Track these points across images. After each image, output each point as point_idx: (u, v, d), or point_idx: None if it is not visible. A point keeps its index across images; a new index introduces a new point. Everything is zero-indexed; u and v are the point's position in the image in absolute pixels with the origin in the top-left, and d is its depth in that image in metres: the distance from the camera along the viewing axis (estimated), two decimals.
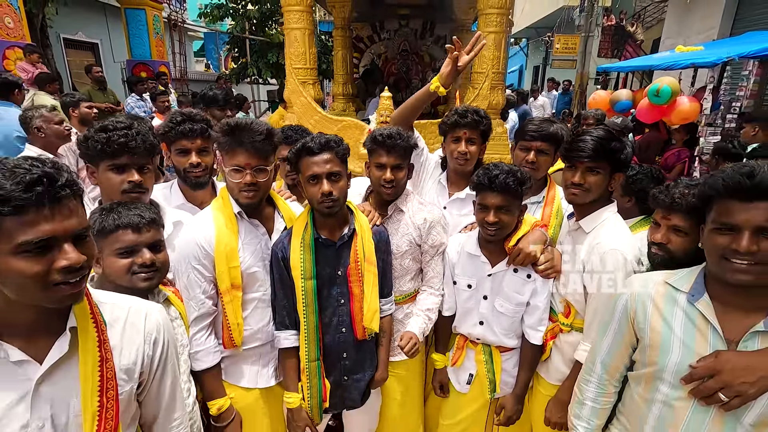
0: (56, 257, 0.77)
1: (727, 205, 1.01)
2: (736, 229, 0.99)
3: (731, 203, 1.00)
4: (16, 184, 0.72)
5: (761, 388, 0.97)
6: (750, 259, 0.97)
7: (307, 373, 1.57)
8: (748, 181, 0.96)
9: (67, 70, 10.92)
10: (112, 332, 0.92)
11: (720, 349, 1.05)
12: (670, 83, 4.89)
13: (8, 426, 0.82)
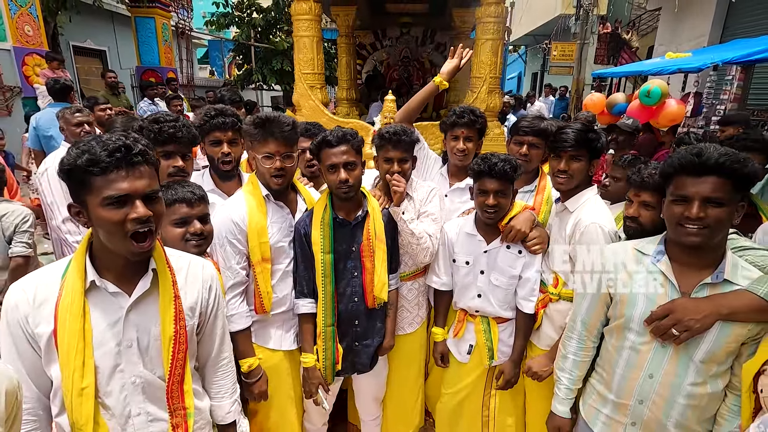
0: (130, 211, 0.99)
1: (682, 180, 1.23)
2: (688, 199, 1.21)
3: (684, 178, 1.22)
4: (103, 150, 0.96)
5: (704, 324, 1.19)
6: (699, 224, 1.19)
7: (322, 337, 1.79)
8: (697, 159, 1.19)
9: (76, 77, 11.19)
10: (178, 277, 1.15)
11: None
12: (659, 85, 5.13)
13: (108, 342, 1.05)
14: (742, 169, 1.14)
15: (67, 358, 1.01)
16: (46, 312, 1.03)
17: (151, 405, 1.13)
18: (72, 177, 0.97)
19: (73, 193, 0.99)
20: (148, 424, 1.13)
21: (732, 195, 1.17)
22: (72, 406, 1.02)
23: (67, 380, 1.01)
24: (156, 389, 1.13)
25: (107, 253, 1.05)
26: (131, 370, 1.09)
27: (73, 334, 1.01)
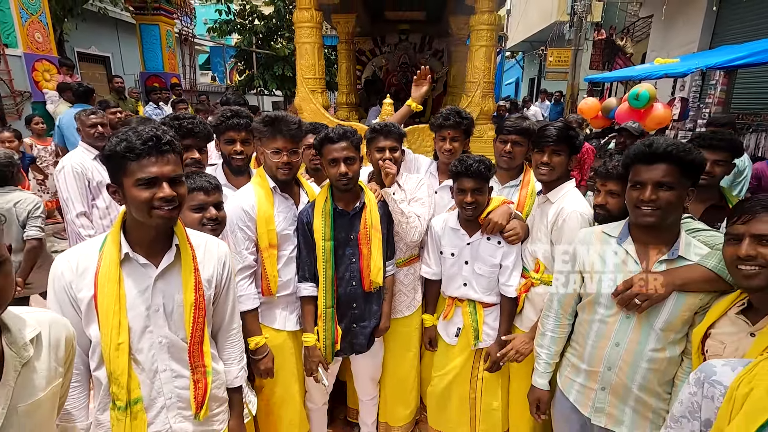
0: (157, 191, 1.16)
1: (637, 168, 1.40)
2: (643, 184, 1.37)
3: (639, 166, 1.39)
4: (138, 139, 1.13)
5: (661, 293, 1.36)
6: (652, 206, 1.36)
7: (323, 318, 1.95)
8: (648, 149, 1.36)
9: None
10: (197, 252, 1.31)
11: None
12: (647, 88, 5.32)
13: (139, 306, 1.22)
14: (687, 157, 1.31)
15: (105, 318, 1.17)
16: (87, 279, 1.20)
17: (175, 363, 1.29)
18: (111, 161, 1.15)
19: (112, 175, 1.17)
20: (172, 380, 1.30)
21: (680, 180, 1.33)
22: (110, 359, 1.18)
23: (105, 337, 1.18)
24: (179, 350, 1.29)
25: (139, 229, 1.22)
26: (158, 331, 1.26)
27: (110, 298, 1.17)
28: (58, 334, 1.02)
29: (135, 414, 1.23)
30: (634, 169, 1.40)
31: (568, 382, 1.66)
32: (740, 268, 1.16)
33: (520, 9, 15.42)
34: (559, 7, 11.61)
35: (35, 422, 0.95)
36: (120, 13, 12.42)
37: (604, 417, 1.52)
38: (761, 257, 1.12)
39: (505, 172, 2.23)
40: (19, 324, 0.93)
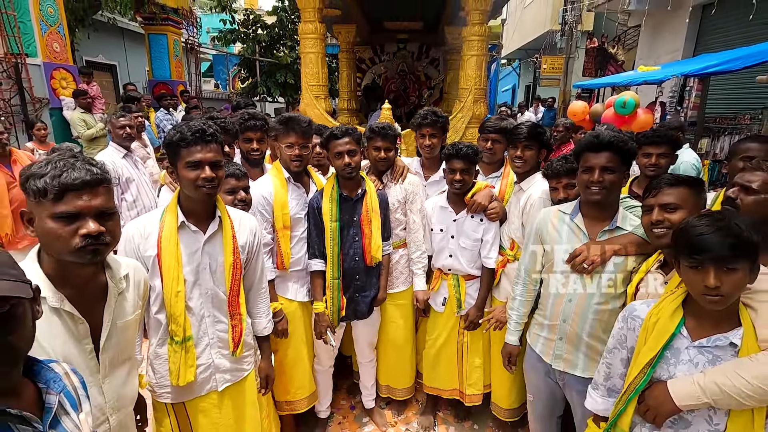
0: (201, 173, 1.50)
1: (586, 155, 1.72)
2: (591, 169, 1.70)
3: (588, 154, 1.72)
4: (188, 131, 1.47)
5: (604, 258, 1.68)
6: (598, 186, 1.69)
7: (330, 288, 2.28)
8: (596, 140, 1.70)
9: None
10: (234, 223, 1.66)
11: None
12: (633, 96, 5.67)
13: (191, 264, 1.56)
14: (625, 146, 1.65)
15: (167, 271, 1.51)
16: (152, 242, 1.54)
17: (216, 311, 1.63)
18: (169, 148, 1.50)
19: (170, 159, 1.52)
20: (214, 324, 1.64)
21: (620, 165, 1.66)
22: (170, 303, 1.52)
23: (167, 286, 1.52)
24: (220, 301, 1.63)
25: (189, 203, 1.57)
26: (205, 285, 1.60)
27: (171, 256, 1.52)
28: (138, 277, 1.36)
29: (188, 348, 1.57)
30: (584, 157, 1.73)
31: (535, 337, 1.98)
32: (653, 231, 1.50)
33: (516, 18, 15.87)
34: (552, 17, 12.03)
35: (126, 337, 1.30)
36: (127, 23, 12.86)
37: (562, 362, 1.84)
38: (667, 221, 1.46)
39: (487, 165, 2.57)
40: (116, 264, 1.27)
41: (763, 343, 1.15)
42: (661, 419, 1.28)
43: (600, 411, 1.49)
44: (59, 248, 1.07)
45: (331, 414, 2.78)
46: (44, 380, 0.90)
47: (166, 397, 1.65)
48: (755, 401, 1.13)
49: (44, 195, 1.04)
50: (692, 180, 1.51)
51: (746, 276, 1.14)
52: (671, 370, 1.27)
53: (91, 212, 1.08)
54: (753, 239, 1.12)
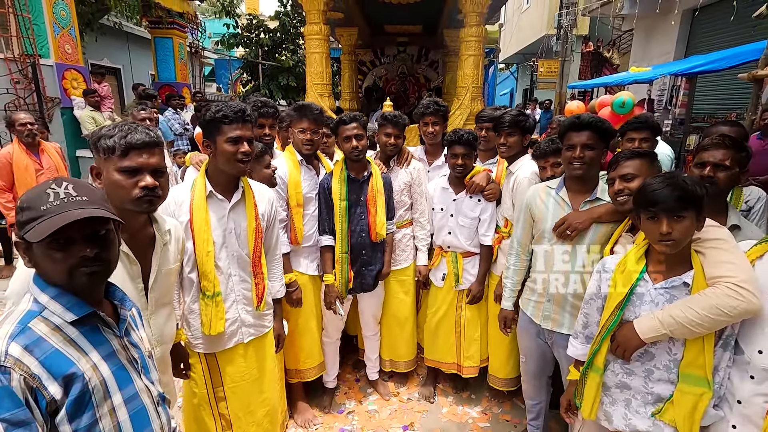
0: (240, 147, 1.71)
1: (569, 135, 1.93)
2: (573, 147, 1.91)
3: (571, 133, 1.92)
4: (230, 110, 1.69)
5: (584, 225, 1.88)
6: (579, 161, 1.89)
7: (339, 262, 2.49)
8: (577, 120, 1.91)
9: None
10: (255, 194, 1.87)
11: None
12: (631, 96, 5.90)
13: (219, 228, 1.77)
14: (603, 126, 1.86)
15: (199, 234, 1.72)
16: (184, 209, 1.75)
17: (242, 271, 1.85)
18: (211, 124, 1.70)
19: (207, 134, 1.73)
20: (240, 282, 1.85)
21: (599, 143, 1.87)
22: (202, 262, 1.73)
23: (199, 247, 1.73)
24: (245, 262, 1.84)
25: (218, 174, 1.78)
26: (231, 247, 1.81)
27: (201, 221, 1.73)
28: (178, 233, 1.57)
29: (217, 302, 1.78)
30: (567, 136, 1.94)
31: (526, 301, 2.18)
32: (618, 199, 1.71)
33: (513, 23, 16.17)
34: (548, 21, 12.33)
35: (168, 282, 1.51)
36: (132, 27, 13.12)
37: (551, 322, 2.04)
38: (627, 189, 1.67)
39: (483, 152, 2.79)
40: (161, 220, 1.49)
41: (710, 280, 1.36)
42: (629, 353, 1.49)
43: (579, 356, 1.70)
44: (122, 196, 1.28)
45: (338, 385, 2.98)
46: (118, 298, 1.11)
47: (199, 348, 1.86)
48: (704, 329, 1.34)
49: (112, 152, 1.26)
50: (645, 152, 1.73)
51: (693, 224, 1.36)
52: (636, 311, 1.48)
53: (149, 168, 1.30)
54: (697, 192, 1.34)
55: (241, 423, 1.93)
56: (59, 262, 0.94)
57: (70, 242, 0.94)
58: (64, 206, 0.93)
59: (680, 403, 1.42)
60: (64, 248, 0.94)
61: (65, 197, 0.94)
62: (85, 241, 0.96)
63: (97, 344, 1.00)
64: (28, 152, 4.15)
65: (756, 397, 1.34)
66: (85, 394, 0.93)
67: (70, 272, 0.95)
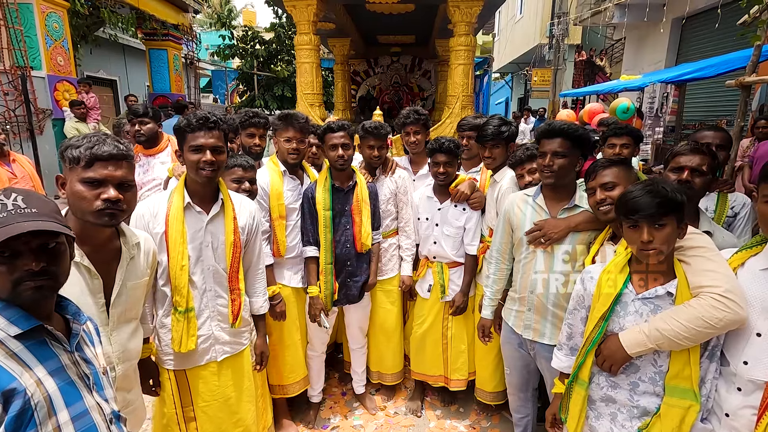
0: (202, 156, 1.66)
1: (542, 142, 1.87)
2: (544, 154, 1.88)
3: (543, 141, 1.89)
4: (194, 118, 1.65)
5: (560, 234, 1.84)
6: (549, 170, 1.85)
7: (324, 273, 2.44)
8: (548, 127, 1.88)
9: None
10: (235, 206, 1.82)
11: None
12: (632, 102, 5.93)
13: (195, 241, 1.72)
14: (575, 133, 1.83)
15: (174, 246, 1.67)
16: (160, 220, 1.70)
17: (217, 286, 1.79)
18: (177, 134, 1.68)
19: (178, 144, 1.70)
20: (215, 298, 1.79)
21: (571, 150, 1.82)
22: (175, 276, 1.68)
23: (173, 260, 1.68)
24: (221, 277, 1.79)
25: (194, 185, 1.74)
26: (207, 261, 1.76)
27: (177, 233, 1.68)
28: (148, 246, 1.53)
29: (190, 318, 1.72)
30: (540, 143, 1.91)
31: (508, 311, 2.13)
32: (600, 209, 1.67)
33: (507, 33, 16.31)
34: (541, 31, 12.43)
35: (134, 297, 1.46)
36: (128, 39, 13.18)
37: (532, 331, 1.99)
38: (609, 198, 1.64)
39: (466, 161, 2.76)
40: (129, 233, 1.44)
41: (695, 290, 1.32)
42: (616, 367, 1.44)
43: (564, 368, 1.65)
44: (83, 208, 1.24)
45: (323, 399, 2.91)
46: (70, 313, 1.06)
47: (168, 364, 1.79)
48: (690, 341, 1.30)
49: (77, 162, 1.22)
50: (621, 160, 1.71)
51: (675, 231, 1.32)
52: (621, 322, 1.44)
53: (114, 181, 1.26)
54: (677, 198, 1.31)
55: None
56: (3, 275, 0.91)
57: (16, 255, 0.91)
58: (11, 218, 0.89)
59: (667, 416, 1.36)
60: (9, 261, 0.90)
61: (13, 209, 0.91)
62: (32, 254, 0.92)
63: (44, 359, 0.96)
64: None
65: (744, 410, 1.29)
66: (26, 410, 0.89)
67: (15, 286, 0.91)
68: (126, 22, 9.65)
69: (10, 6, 6.26)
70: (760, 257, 1.31)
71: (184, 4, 10.77)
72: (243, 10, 24.51)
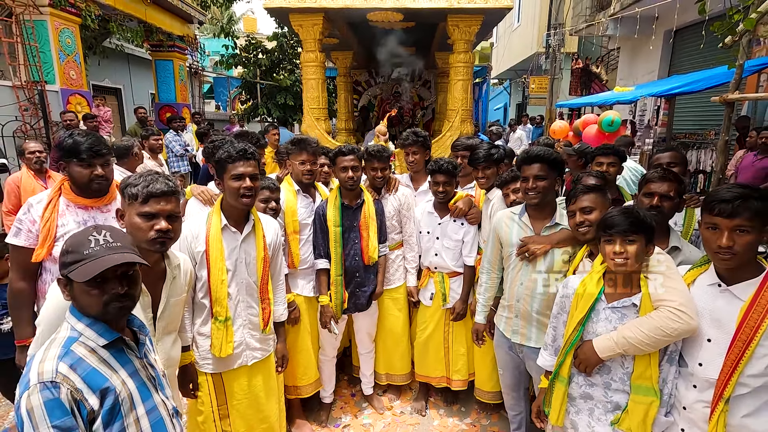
0: (243, 183, 1.90)
1: (523, 168, 2.12)
2: (527, 179, 2.10)
3: (524, 167, 2.11)
4: (234, 150, 1.89)
5: (543, 250, 2.06)
6: (533, 191, 2.08)
7: (334, 284, 2.67)
8: (527, 154, 2.12)
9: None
10: (263, 225, 2.06)
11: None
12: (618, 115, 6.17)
13: (231, 257, 1.96)
14: (551, 157, 2.06)
15: (215, 263, 1.91)
16: (200, 240, 1.94)
17: (249, 298, 2.04)
18: (217, 164, 1.92)
19: (218, 173, 1.94)
20: (247, 308, 2.04)
21: (550, 173, 2.05)
22: (216, 289, 1.92)
23: (214, 276, 1.91)
24: (252, 289, 2.04)
25: (230, 208, 1.98)
26: (241, 275, 2.00)
27: (217, 252, 1.92)
28: (186, 267, 1.77)
29: (227, 327, 1.97)
30: (522, 169, 2.14)
31: (498, 317, 2.35)
32: (579, 230, 1.91)
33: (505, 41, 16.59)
34: (538, 40, 12.69)
35: (175, 311, 1.71)
36: (133, 49, 13.44)
37: (519, 336, 2.22)
38: (587, 221, 1.87)
39: (461, 178, 3.00)
40: (173, 256, 1.68)
41: (656, 302, 1.56)
42: (590, 369, 1.68)
43: (548, 366, 1.88)
44: (140, 237, 1.48)
45: (335, 400, 3.14)
46: (136, 326, 1.30)
47: (207, 368, 2.04)
48: (650, 347, 1.54)
49: (135, 198, 1.47)
50: (598, 186, 1.92)
51: (643, 248, 1.58)
52: (594, 327, 1.67)
53: (165, 214, 1.51)
54: (647, 220, 1.58)
55: None
56: (96, 297, 1.14)
57: (106, 281, 1.14)
58: (103, 251, 1.13)
59: (634, 411, 1.60)
60: (101, 286, 1.13)
61: (104, 243, 1.14)
62: (118, 280, 1.16)
63: (124, 364, 1.19)
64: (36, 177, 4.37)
65: (698, 404, 1.53)
66: (116, 405, 1.12)
67: (105, 305, 1.15)
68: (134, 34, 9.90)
69: (26, 23, 6.51)
70: (706, 275, 1.55)
71: (189, 16, 11.02)
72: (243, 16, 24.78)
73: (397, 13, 4.70)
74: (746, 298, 1.41)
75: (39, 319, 1.41)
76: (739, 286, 1.45)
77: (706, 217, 1.46)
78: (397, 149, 4.38)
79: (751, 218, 1.37)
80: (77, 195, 1.99)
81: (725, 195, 1.40)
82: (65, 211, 1.97)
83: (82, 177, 1.94)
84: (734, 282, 1.46)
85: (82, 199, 1.99)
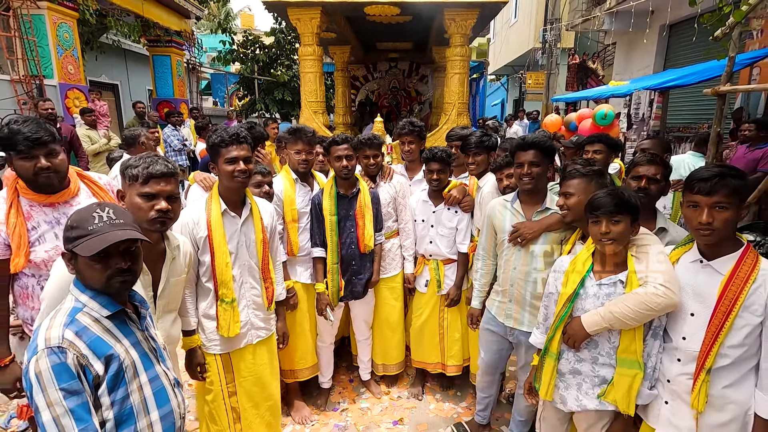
0: (236, 166, 1.95)
1: (518, 154, 2.18)
2: (521, 165, 2.16)
3: (518, 152, 2.17)
4: (226, 134, 1.94)
5: (534, 234, 2.13)
6: (528, 177, 2.14)
7: (330, 272, 2.73)
8: (522, 141, 2.17)
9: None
10: (260, 208, 2.11)
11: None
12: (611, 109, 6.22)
13: (232, 241, 2.01)
14: (545, 145, 2.12)
15: (218, 247, 1.97)
16: (202, 225, 1.99)
17: (252, 279, 2.10)
18: (211, 149, 1.97)
19: (212, 158, 1.99)
20: (250, 289, 2.10)
21: (543, 159, 2.12)
22: (221, 272, 1.97)
23: (218, 259, 1.97)
24: (254, 270, 2.10)
25: (227, 193, 2.03)
26: (242, 258, 2.06)
27: (219, 236, 1.97)
28: (186, 249, 1.82)
29: (234, 308, 2.03)
30: (516, 155, 2.19)
31: (491, 301, 2.41)
32: (561, 212, 1.98)
33: (502, 36, 16.61)
34: (535, 35, 12.73)
35: (175, 291, 1.76)
36: (129, 44, 13.42)
37: (512, 320, 2.28)
38: (566, 205, 1.93)
39: (456, 168, 3.04)
40: (172, 237, 1.74)
41: (641, 279, 1.62)
42: (578, 344, 1.74)
43: (540, 344, 1.94)
44: (140, 217, 1.53)
45: (333, 385, 3.20)
46: (137, 301, 1.35)
47: (214, 349, 2.10)
48: (635, 321, 1.60)
49: (135, 179, 1.52)
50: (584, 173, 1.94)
51: (628, 228, 1.64)
52: (582, 303, 1.74)
53: (164, 194, 1.56)
54: (632, 201, 1.64)
55: (247, 415, 2.18)
56: (99, 271, 1.19)
57: (109, 256, 1.19)
58: (107, 227, 1.18)
59: (619, 383, 1.67)
60: (104, 261, 1.19)
61: (108, 220, 1.19)
62: (121, 256, 1.21)
63: (127, 334, 1.25)
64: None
65: (681, 376, 1.59)
66: (120, 371, 1.18)
67: (108, 279, 1.20)
68: (131, 29, 9.90)
69: (24, 18, 6.52)
70: (690, 253, 1.61)
71: (187, 11, 11.02)
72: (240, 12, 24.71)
73: (394, 6, 4.74)
74: (725, 271, 1.48)
75: (43, 294, 1.46)
76: (718, 261, 1.51)
77: (687, 196, 1.52)
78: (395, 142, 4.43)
79: (729, 195, 1.43)
80: (35, 192, 1.76)
81: (704, 174, 1.46)
82: (30, 212, 1.76)
83: (25, 171, 1.69)
84: (714, 257, 1.53)
85: (43, 197, 1.77)
